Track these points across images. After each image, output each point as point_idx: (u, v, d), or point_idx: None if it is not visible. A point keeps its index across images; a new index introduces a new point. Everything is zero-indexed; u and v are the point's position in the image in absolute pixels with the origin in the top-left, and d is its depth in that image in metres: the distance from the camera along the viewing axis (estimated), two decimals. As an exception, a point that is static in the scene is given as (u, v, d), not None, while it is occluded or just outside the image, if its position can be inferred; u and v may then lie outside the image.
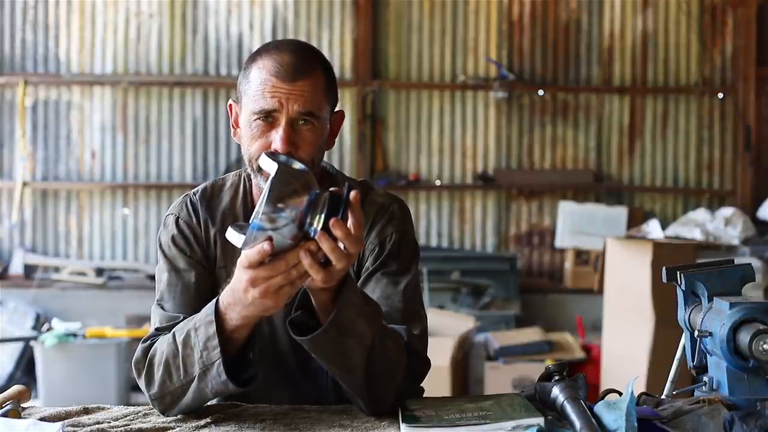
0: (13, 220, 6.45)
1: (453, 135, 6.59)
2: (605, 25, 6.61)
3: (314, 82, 1.66)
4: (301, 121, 1.65)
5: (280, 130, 1.64)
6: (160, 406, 1.62)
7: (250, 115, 1.67)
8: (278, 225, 1.36)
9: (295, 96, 1.64)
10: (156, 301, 1.76)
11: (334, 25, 6.54)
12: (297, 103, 1.64)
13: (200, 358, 1.53)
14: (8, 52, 6.55)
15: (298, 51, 1.68)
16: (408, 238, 1.80)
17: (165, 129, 6.56)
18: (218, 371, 1.51)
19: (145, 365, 1.62)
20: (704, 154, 6.64)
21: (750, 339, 1.39)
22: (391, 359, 1.59)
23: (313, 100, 1.65)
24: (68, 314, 6.07)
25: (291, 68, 1.64)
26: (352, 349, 1.51)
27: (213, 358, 1.51)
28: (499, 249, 6.58)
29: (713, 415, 1.40)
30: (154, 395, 1.60)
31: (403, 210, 1.83)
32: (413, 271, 1.77)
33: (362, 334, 1.51)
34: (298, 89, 1.64)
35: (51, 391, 5.29)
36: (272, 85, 1.64)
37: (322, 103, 1.68)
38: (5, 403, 1.58)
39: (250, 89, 1.68)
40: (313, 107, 1.65)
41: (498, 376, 5.08)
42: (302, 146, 1.65)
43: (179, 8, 6.53)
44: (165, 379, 1.58)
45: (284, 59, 1.65)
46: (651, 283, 4.29)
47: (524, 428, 1.41)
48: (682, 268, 1.60)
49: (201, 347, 1.52)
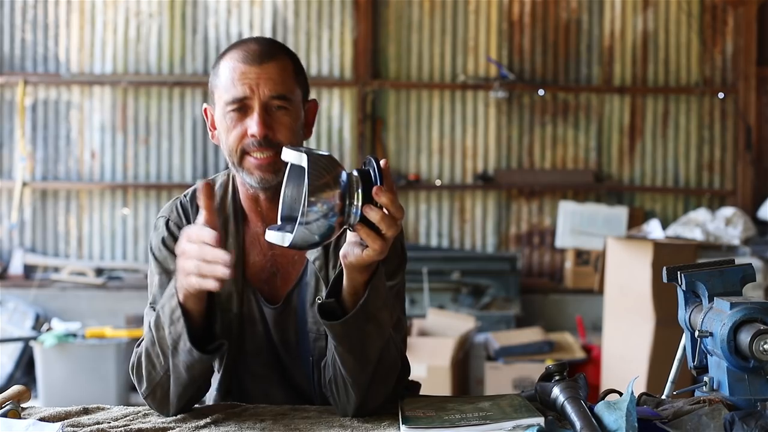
0: (12, 220, 6.45)
1: (453, 135, 6.58)
2: (605, 25, 6.60)
3: (282, 64, 1.69)
4: (274, 106, 1.67)
5: (254, 115, 1.66)
6: (154, 404, 1.63)
7: (223, 107, 1.69)
8: (310, 219, 1.37)
9: (264, 79, 1.66)
10: (149, 303, 1.76)
11: (334, 25, 6.54)
12: (267, 87, 1.66)
13: (169, 334, 1.55)
14: (8, 52, 6.55)
15: (262, 40, 1.73)
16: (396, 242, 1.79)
17: (165, 129, 6.56)
18: (184, 342, 1.53)
19: (135, 368, 1.64)
20: (705, 154, 6.64)
21: (750, 339, 1.39)
22: (392, 359, 1.62)
23: (283, 83, 1.68)
24: (68, 314, 6.08)
25: (257, 53, 1.68)
26: (371, 338, 1.54)
27: (179, 328, 1.53)
28: (499, 249, 6.58)
29: (714, 416, 1.40)
30: (145, 392, 1.62)
31: None
32: (399, 277, 1.77)
33: (383, 323, 1.54)
34: (266, 72, 1.66)
35: (51, 391, 5.28)
36: (241, 72, 1.67)
37: (292, 86, 1.71)
38: (5, 403, 1.58)
39: (220, 82, 1.70)
40: (284, 90, 1.68)
41: (498, 376, 5.08)
42: (279, 129, 1.67)
43: (179, 8, 6.52)
44: (150, 370, 1.61)
45: (250, 47, 1.69)
46: (651, 283, 4.29)
47: (524, 428, 1.41)
48: (683, 268, 1.60)
49: (168, 323, 1.54)
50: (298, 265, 1.78)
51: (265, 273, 1.78)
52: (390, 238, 1.43)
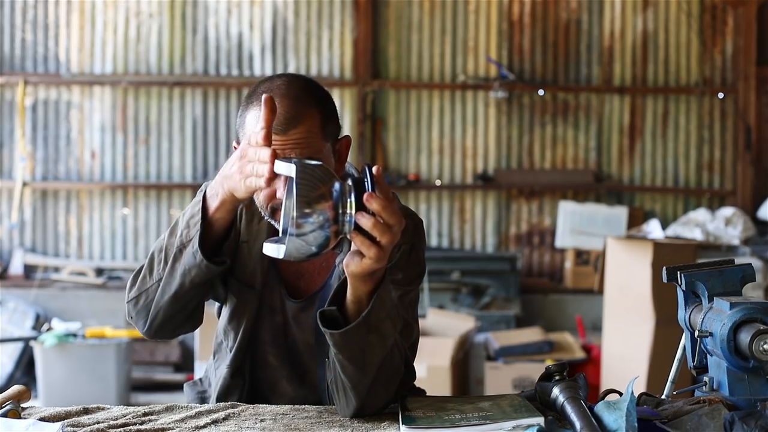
0: (12, 220, 6.45)
1: (453, 135, 6.58)
2: (605, 25, 6.60)
3: (308, 127, 1.64)
4: None
5: (282, 180, 1.62)
6: (134, 310, 1.69)
7: None
8: (305, 230, 1.36)
9: (290, 146, 1.62)
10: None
11: (334, 25, 6.54)
12: (293, 153, 1.62)
13: (179, 236, 1.59)
14: (8, 52, 6.55)
15: (288, 95, 1.64)
16: (417, 252, 1.81)
17: (165, 129, 6.56)
18: (193, 243, 1.57)
19: (132, 278, 1.70)
20: (704, 154, 6.64)
21: (750, 339, 1.39)
22: (395, 366, 1.62)
23: (309, 147, 1.63)
24: (68, 314, 6.08)
25: (283, 119, 1.61)
26: (373, 348, 1.53)
27: (192, 233, 1.57)
28: (499, 249, 6.58)
29: (713, 416, 1.40)
30: (131, 297, 1.69)
31: (417, 226, 1.84)
32: (415, 285, 1.78)
33: (386, 334, 1.54)
34: (292, 140, 1.62)
35: (51, 391, 5.28)
36: None
37: (319, 144, 1.66)
38: (5, 403, 1.58)
39: (247, 133, 1.67)
40: (310, 153, 1.63)
41: (498, 376, 5.08)
42: None
43: (179, 8, 6.52)
44: (145, 275, 1.67)
45: (277, 108, 1.64)
46: (651, 283, 4.29)
47: (524, 428, 1.41)
48: (683, 268, 1.60)
49: (183, 226, 1.59)
50: (324, 271, 1.79)
51: (292, 272, 1.80)
52: (386, 245, 1.40)
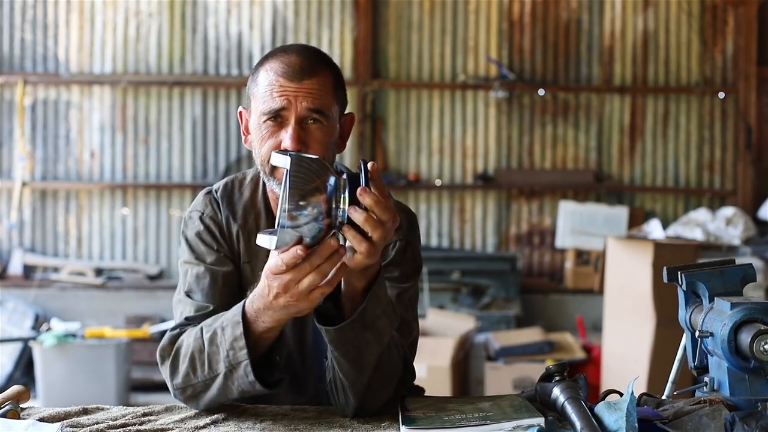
0: (12, 220, 6.44)
1: (453, 135, 6.58)
2: (606, 25, 6.60)
3: (322, 80, 1.68)
4: (310, 119, 1.66)
5: (289, 128, 1.65)
6: (182, 397, 1.63)
7: (259, 116, 1.68)
8: (300, 223, 1.36)
9: (303, 94, 1.65)
10: (184, 293, 1.75)
11: (334, 25, 6.53)
12: (305, 101, 1.65)
13: (226, 357, 1.54)
14: (7, 52, 6.54)
15: (305, 52, 1.70)
16: (412, 248, 1.81)
17: (165, 129, 6.55)
18: (245, 371, 1.52)
19: (171, 354, 1.63)
20: (705, 154, 6.64)
21: (751, 339, 1.39)
22: (393, 365, 1.61)
23: (321, 98, 1.66)
24: (67, 314, 6.07)
25: (298, 68, 1.66)
26: (369, 345, 1.53)
27: (240, 358, 1.52)
28: (499, 249, 6.58)
29: (714, 416, 1.40)
30: (177, 385, 1.62)
31: (411, 221, 1.83)
32: (412, 281, 1.78)
33: (381, 331, 1.53)
34: (305, 88, 1.65)
35: (50, 391, 5.28)
36: (280, 85, 1.65)
37: (330, 101, 1.69)
38: (4, 403, 1.58)
39: (259, 92, 1.68)
40: (321, 105, 1.66)
41: (498, 376, 5.08)
42: (312, 144, 1.66)
43: (179, 8, 6.52)
44: (189, 371, 1.59)
45: (291, 60, 1.67)
46: (652, 284, 4.29)
47: (524, 429, 1.41)
48: (683, 268, 1.60)
49: (227, 347, 1.53)
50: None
51: None
52: (378, 241, 1.40)
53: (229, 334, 1.53)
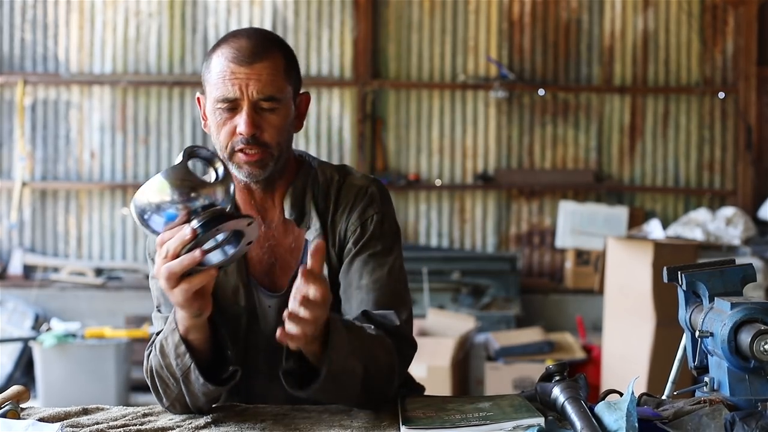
0: (12, 220, 6.44)
1: (453, 135, 6.58)
2: (606, 25, 6.60)
3: (273, 64, 1.69)
4: (263, 106, 1.68)
5: (243, 114, 1.67)
6: (176, 412, 1.65)
7: (213, 103, 1.71)
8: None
9: (254, 80, 1.67)
10: (155, 307, 1.78)
11: (334, 25, 6.53)
12: (256, 88, 1.67)
13: (177, 366, 1.56)
14: (7, 52, 6.54)
15: (254, 36, 1.71)
16: (389, 218, 1.80)
17: (164, 129, 6.55)
18: (196, 375, 1.55)
19: (149, 377, 1.65)
20: (705, 154, 6.64)
21: (751, 339, 1.39)
22: (383, 368, 1.62)
23: (272, 83, 1.68)
24: (67, 314, 6.08)
25: (248, 52, 1.67)
26: (346, 384, 1.55)
27: (187, 363, 1.55)
28: (499, 249, 6.58)
29: (714, 416, 1.40)
30: (166, 405, 1.64)
31: (381, 192, 1.83)
32: (396, 251, 1.78)
33: (354, 369, 1.54)
34: (255, 73, 1.67)
35: (50, 391, 5.28)
36: (231, 71, 1.68)
37: (282, 84, 1.70)
38: (4, 403, 1.58)
39: (212, 78, 1.72)
40: (273, 91, 1.68)
41: (498, 376, 5.07)
42: (266, 129, 1.68)
43: (179, 8, 6.52)
44: (164, 388, 1.61)
45: (241, 44, 1.69)
46: (652, 283, 4.29)
47: (524, 428, 1.41)
48: (683, 268, 1.60)
49: (174, 355, 1.56)
50: (296, 251, 1.78)
51: (264, 265, 1.78)
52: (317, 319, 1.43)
53: (170, 342, 1.56)
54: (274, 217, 1.79)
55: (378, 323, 1.68)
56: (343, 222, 1.77)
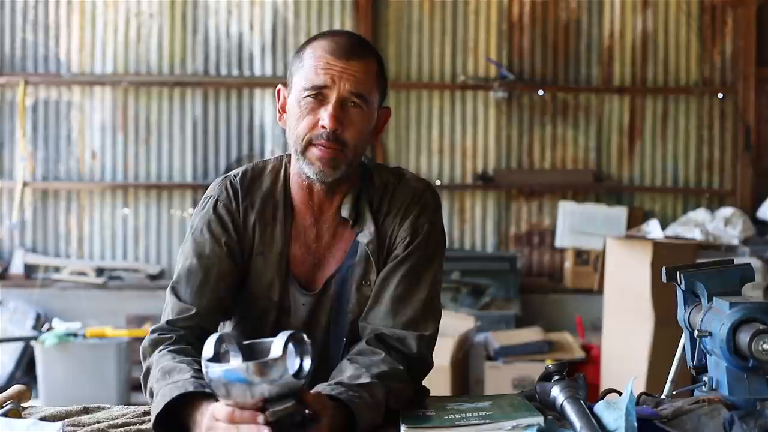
0: (13, 220, 6.45)
1: (453, 135, 6.59)
2: (605, 25, 6.61)
3: (367, 65, 1.69)
4: (350, 102, 1.66)
5: (329, 107, 1.64)
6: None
7: (300, 92, 1.67)
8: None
9: (347, 75, 1.65)
10: (171, 283, 1.73)
11: (334, 25, 6.53)
12: (349, 82, 1.65)
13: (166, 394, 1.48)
14: (8, 52, 6.55)
15: (353, 36, 1.73)
16: (437, 228, 1.80)
17: (165, 129, 6.56)
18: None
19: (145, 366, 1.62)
20: (704, 154, 6.64)
21: (750, 339, 1.39)
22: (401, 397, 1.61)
23: (364, 83, 1.67)
24: (68, 314, 6.08)
25: (346, 48, 1.67)
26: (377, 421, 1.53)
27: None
28: (499, 249, 6.58)
29: (713, 415, 1.40)
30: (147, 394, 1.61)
31: (435, 199, 1.82)
32: (437, 263, 1.77)
33: (380, 411, 1.53)
34: (351, 69, 1.66)
35: (51, 390, 5.29)
36: (326, 62, 1.66)
37: (372, 88, 1.69)
38: (6, 402, 1.58)
39: (303, 67, 1.68)
40: (363, 89, 1.67)
41: (498, 376, 5.08)
42: (348, 127, 1.66)
43: (179, 8, 6.52)
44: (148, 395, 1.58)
45: (341, 40, 1.69)
46: (651, 283, 4.29)
47: (524, 428, 1.41)
48: (682, 268, 1.61)
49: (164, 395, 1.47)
50: (339, 254, 1.77)
51: (306, 265, 1.77)
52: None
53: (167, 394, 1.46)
54: (328, 217, 1.77)
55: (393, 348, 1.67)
56: (396, 226, 1.75)
